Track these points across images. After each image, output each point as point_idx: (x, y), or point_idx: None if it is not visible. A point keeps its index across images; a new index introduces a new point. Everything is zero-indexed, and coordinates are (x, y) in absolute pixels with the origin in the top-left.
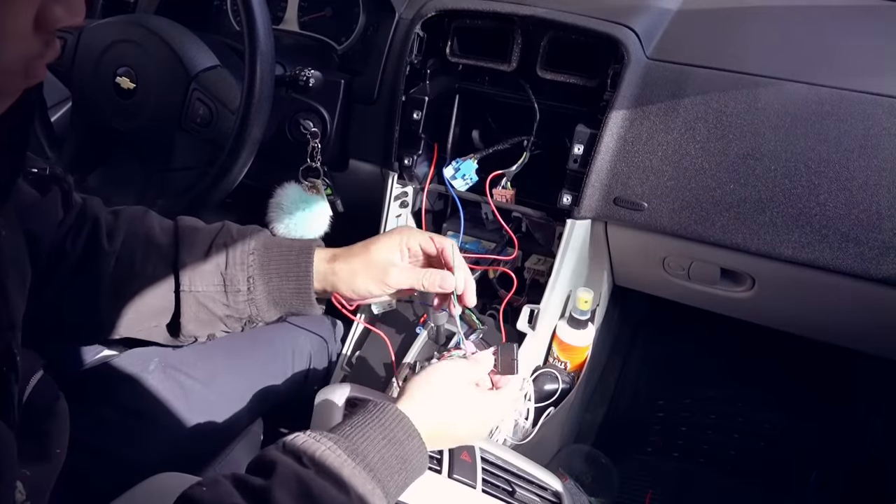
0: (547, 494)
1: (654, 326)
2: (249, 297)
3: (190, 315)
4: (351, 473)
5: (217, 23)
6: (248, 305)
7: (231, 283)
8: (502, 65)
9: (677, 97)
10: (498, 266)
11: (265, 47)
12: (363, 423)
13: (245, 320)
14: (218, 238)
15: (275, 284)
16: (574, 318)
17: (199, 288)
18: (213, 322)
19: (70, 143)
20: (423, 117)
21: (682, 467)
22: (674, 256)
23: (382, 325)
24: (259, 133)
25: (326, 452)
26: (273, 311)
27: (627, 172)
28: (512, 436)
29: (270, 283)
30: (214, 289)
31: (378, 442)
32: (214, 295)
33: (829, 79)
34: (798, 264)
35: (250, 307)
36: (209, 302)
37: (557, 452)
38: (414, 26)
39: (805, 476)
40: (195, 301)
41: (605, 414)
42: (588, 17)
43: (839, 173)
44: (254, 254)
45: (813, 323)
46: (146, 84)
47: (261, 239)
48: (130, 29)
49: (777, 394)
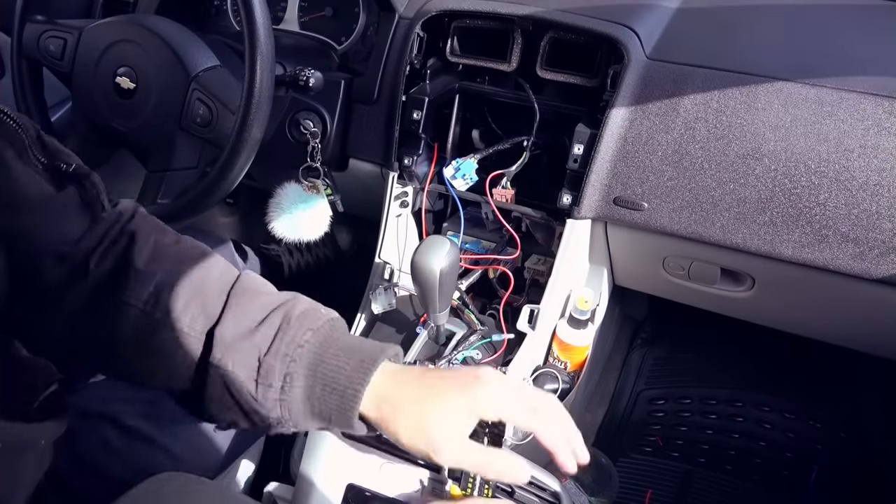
0: (546, 495)
1: (654, 326)
2: (282, 398)
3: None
4: None
5: (217, 23)
6: (279, 406)
7: (266, 375)
8: (502, 65)
9: (677, 97)
10: (498, 266)
11: (265, 47)
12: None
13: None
14: (274, 313)
15: (317, 393)
16: (574, 318)
17: (230, 367)
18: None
19: (70, 143)
20: (423, 117)
21: (682, 467)
22: (674, 256)
23: (382, 325)
24: (259, 133)
25: None
26: (310, 421)
27: (627, 172)
28: (511, 436)
29: (313, 388)
30: (246, 374)
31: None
32: (243, 383)
33: (829, 79)
34: (798, 264)
35: (281, 409)
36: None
37: None
38: (414, 26)
39: (805, 476)
40: (221, 382)
41: (605, 414)
42: (588, 18)
43: (839, 173)
44: (305, 346)
45: (813, 323)
46: (146, 84)
47: (323, 331)
48: (130, 29)
49: (777, 394)
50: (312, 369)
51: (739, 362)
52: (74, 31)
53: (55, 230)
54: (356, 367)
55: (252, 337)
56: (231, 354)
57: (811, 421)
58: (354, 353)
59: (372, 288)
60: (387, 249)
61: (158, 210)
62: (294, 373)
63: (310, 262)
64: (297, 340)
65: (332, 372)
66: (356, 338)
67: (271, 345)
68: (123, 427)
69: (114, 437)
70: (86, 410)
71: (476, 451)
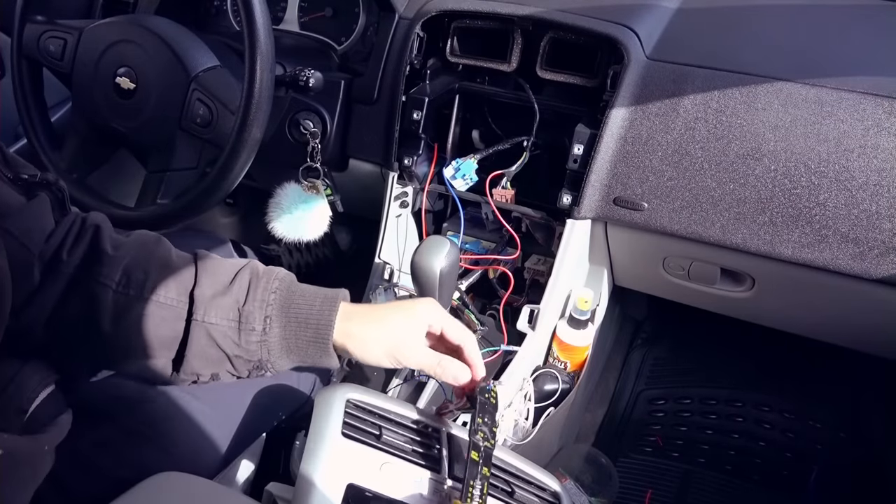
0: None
1: (654, 326)
2: (263, 339)
3: (197, 349)
4: None
5: (217, 23)
6: (260, 348)
7: (246, 321)
8: (502, 65)
9: (677, 97)
10: (498, 266)
11: (265, 47)
12: None
13: (254, 364)
14: (242, 272)
15: (292, 329)
16: (574, 318)
17: (213, 320)
18: (220, 361)
19: (70, 143)
20: (423, 117)
21: (682, 467)
22: (674, 256)
23: None
24: (259, 133)
25: None
26: (286, 359)
27: (627, 172)
28: (512, 436)
29: (288, 327)
30: (228, 324)
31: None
32: (227, 331)
33: (829, 79)
34: (798, 264)
35: (262, 350)
36: (220, 337)
37: (557, 452)
38: (414, 26)
39: (805, 476)
40: (206, 334)
41: (605, 414)
42: (588, 18)
43: (839, 173)
44: (276, 293)
45: (813, 323)
46: (146, 84)
47: (286, 281)
48: (130, 29)
49: (777, 394)
50: (286, 311)
51: (739, 362)
52: (74, 31)
53: (38, 233)
54: (323, 303)
55: (229, 291)
56: (213, 308)
57: (811, 421)
58: (316, 293)
59: (372, 288)
60: (387, 249)
61: (158, 210)
62: (272, 315)
63: (310, 262)
64: (269, 289)
65: (303, 310)
66: (310, 286)
67: (247, 295)
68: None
69: (113, 437)
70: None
71: (432, 354)
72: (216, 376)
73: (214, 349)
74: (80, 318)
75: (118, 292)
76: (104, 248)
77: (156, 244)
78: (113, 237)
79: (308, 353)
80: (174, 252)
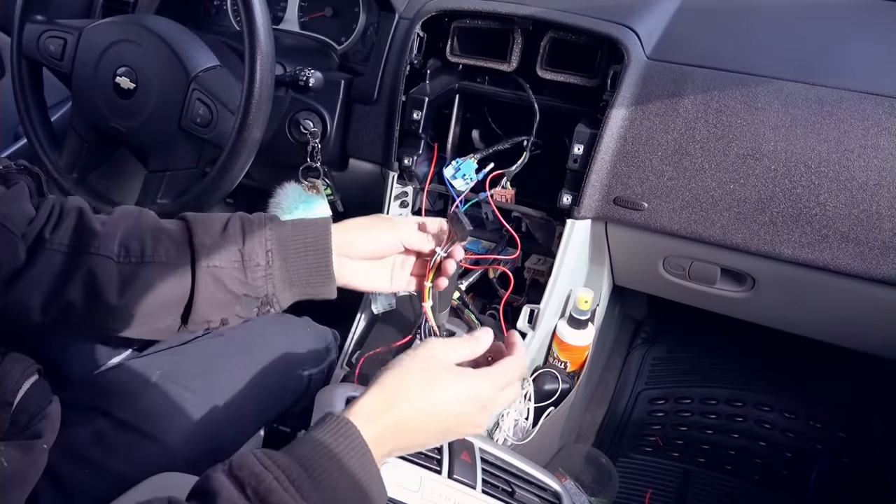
0: (546, 495)
1: (654, 326)
2: (268, 273)
3: (206, 295)
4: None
5: (217, 23)
6: (266, 282)
7: (249, 258)
8: (502, 64)
9: (677, 97)
10: (498, 266)
11: (265, 47)
12: (321, 446)
13: (261, 300)
14: (232, 219)
15: (292, 260)
16: (574, 317)
17: (217, 263)
18: (229, 303)
19: (70, 143)
20: (423, 117)
21: (682, 467)
22: (674, 256)
23: (382, 325)
24: (259, 133)
25: (273, 485)
26: (289, 291)
27: (627, 172)
28: (512, 436)
29: (288, 258)
30: (232, 265)
31: (333, 474)
32: (232, 272)
33: (829, 78)
34: (798, 264)
35: (268, 284)
36: (226, 279)
37: (557, 452)
38: (414, 26)
39: (805, 476)
40: (213, 279)
41: (605, 414)
42: (588, 18)
43: (839, 173)
44: (271, 230)
45: (813, 323)
46: (146, 84)
47: (275, 219)
48: (130, 29)
49: (777, 394)
50: (283, 244)
51: (739, 362)
52: (74, 31)
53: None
54: (316, 230)
55: (225, 236)
56: (215, 253)
57: (811, 421)
58: (306, 224)
59: None
60: None
61: (158, 210)
62: (272, 249)
63: None
64: (264, 226)
65: (299, 241)
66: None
67: (244, 237)
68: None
69: (106, 431)
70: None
71: (413, 220)
72: (225, 321)
73: (223, 292)
74: (83, 295)
75: (121, 263)
76: (93, 226)
77: (140, 214)
78: (98, 216)
79: (310, 282)
80: (161, 218)
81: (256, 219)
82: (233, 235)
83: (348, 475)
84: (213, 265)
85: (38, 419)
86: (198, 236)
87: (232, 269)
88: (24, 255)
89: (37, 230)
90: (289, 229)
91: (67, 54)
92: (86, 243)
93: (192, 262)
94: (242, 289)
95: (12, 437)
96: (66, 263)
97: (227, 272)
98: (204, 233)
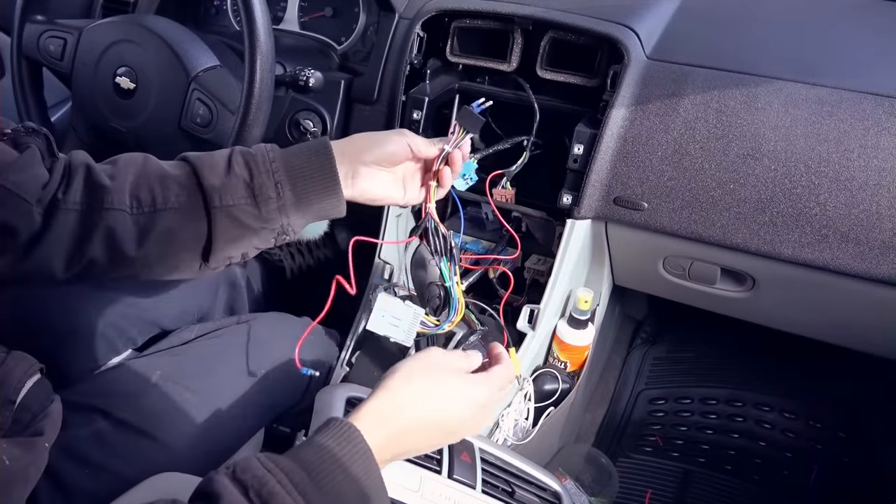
0: (546, 495)
1: (654, 326)
2: (280, 204)
3: (223, 233)
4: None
5: (217, 23)
6: (280, 213)
7: (260, 192)
8: (502, 64)
9: (677, 97)
10: (498, 266)
11: (265, 47)
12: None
13: (277, 231)
14: (234, 156)
15: (301, 186)
16: (574, 318)
17: (230, 202)
18: (246, 238)
19: (70, 143)
20: (423, 117)
21: (682, 467)
22: (674, 256)
23: None
24: (259, 133)
25: (277, 487)
26: (301, 218)
27: (627, 172)
28: (512, 436)
29: (297, 186)
30: (244, 201)
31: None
32: (246, 207)
33: (829, 78)
34: (798, 264)
35: (281, 216)
36: (241, 215)
37: (557, 452)
38: (414, 26)
39: (805, 476)
40: (227, 216)
41: (605, 414)
42: (588, 18)
43: (839, 173)
44: (275, 161)
45: (813, 323)
46: (146, 84)
47: (276, 150)
48: (130, 29)
49: (777, 394)
50: (291, 173)
51: (739, 362)
52: (74, 31)
53: (34, 183)
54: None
55: (232, 174)
56: (226, 192)
57: (811, 421)
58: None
59: (372, 288)
60: (387, 249)
61: None
62: (281, 181)
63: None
64: (267, 158)
65: (305, 166)
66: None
67: (250, 172)
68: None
69: (106, 430)
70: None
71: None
72: (246, 255)
73: (239, 228)
74: (104, 249)
75: (133, 213)
76: (102, 181)
77: (145, 162)
78: (104, 168)
79: (321, 207)
80: (164, 163)
81: (258, 151)
82: (239, 172)
83: (352, 480)
84: (227, 204)
85: (40, 418)
86: (206, 178)
87: (246, 204)
88: (41, 220)
89: (51, 193)
90: (293, 156)
91: (67, 54)
92: (99, 199)
93: (205, 205)
94: (258, 222)
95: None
96: (83, 221)
97: (242, 208)
98: (211, 173)
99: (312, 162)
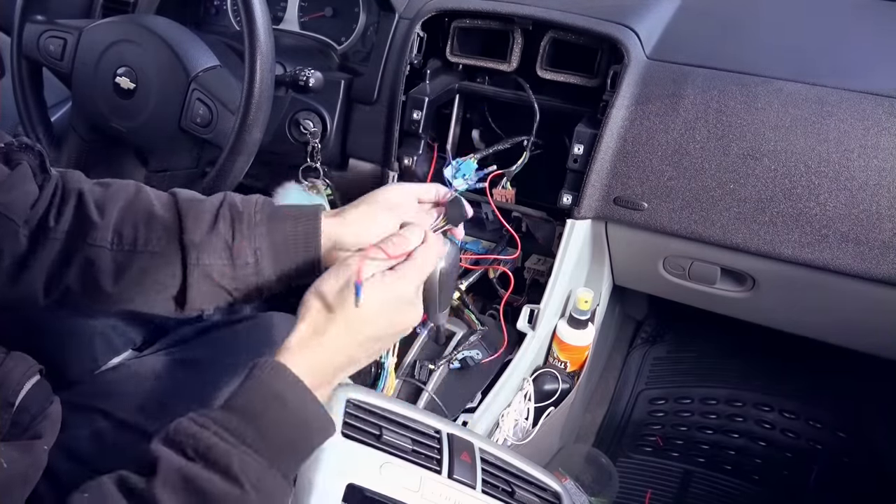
0: (546, 495)
1: (654, 326)
2: (257, 270)
3: (197, 289)
4: (242, 461)
5: (217, 23)
6: (256, 278)
7: (238, 256)
8: (502, 64)
9: (677, 97)
10: (498, 266)
11: (265, 47)
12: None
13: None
14: (222, 209)
15: (282, 255)
16: (574, 318)
17: (207, 261)
18: (220, 295)
19: (70, 143)
20: (423, 117)
21: (682, 467)
22: (674, 256)
23: None
24: (259, 133)
25: (213, 439)
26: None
27: (627, 172)
28: (512, 436)
29: (278, 255)
30: (222, 262)
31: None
32: (222, 269)
33: (829, 78)
34: (798, 264)
35: (258, 279)
36: (217, 275)
37: (557, 452)
38: (414, 26)
39: (805, 476)
40: (203, 275)
41: (605, 414)
42: (588, 18)
43: (839, 173)
44: (260, 226)
45: (813, 323)
46: (146, 84)
47: (266, 210)
48: (130, 29)
49: (777, 394)
50: (273, 241)
51: (740, 362)
52: (74, 31)
53: (21, 202)
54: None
55: (216, 231)
56: (204, 251)
57: (811, 421)
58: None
59: None
60: None
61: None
62: (261, 248)
63: None
64: (253, 221)
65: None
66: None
67: (233, 232)
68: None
69: (106, 431)
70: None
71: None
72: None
73: (213, 287)
74: (80, 281)
75: (114, 250)
76: (90, 214)
77: (136, 196)
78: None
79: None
80: (155, 201)
81: (246, 213)
82: (223, 231)
83: (288, 412)
84: (203, 262)
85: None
86: (188, 232)
87: (221, 265)
88: (27, 242)
89: (40, 214)
90: (279, 225)
91: (67, 54)
92: (84, 233)
93: (182, 258)
94: (232, 283)
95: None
96: (65, 251)
97: (217, 268)
98: (194, 226)
99: (298, 234)
